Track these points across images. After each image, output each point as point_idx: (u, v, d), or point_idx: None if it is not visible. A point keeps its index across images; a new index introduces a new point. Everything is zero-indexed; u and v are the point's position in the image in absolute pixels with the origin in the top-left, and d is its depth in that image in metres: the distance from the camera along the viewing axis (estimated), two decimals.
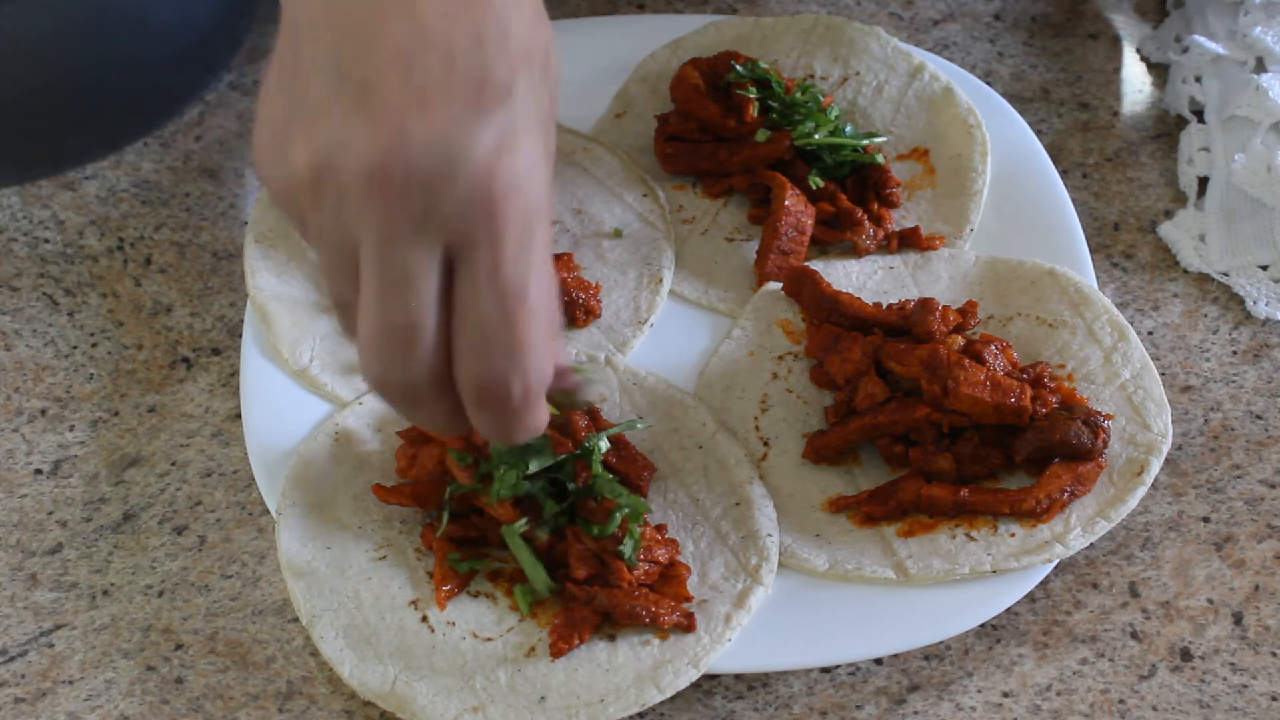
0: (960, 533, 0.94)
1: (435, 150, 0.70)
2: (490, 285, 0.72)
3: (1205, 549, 0.98)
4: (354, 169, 0.71)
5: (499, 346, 0.73)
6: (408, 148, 0.70)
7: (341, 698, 0.91)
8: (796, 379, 1.03)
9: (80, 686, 0.92)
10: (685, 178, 1.16)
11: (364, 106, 0.71)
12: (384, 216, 0.71)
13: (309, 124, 0.73)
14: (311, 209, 0.73)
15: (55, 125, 1.17)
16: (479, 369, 0.74)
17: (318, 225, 0.74)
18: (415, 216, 0.71)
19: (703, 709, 0.91)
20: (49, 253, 1.14)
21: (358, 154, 0.71)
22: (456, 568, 0.92)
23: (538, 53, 0.76)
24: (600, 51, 1.22)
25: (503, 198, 0.71)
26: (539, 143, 0.74)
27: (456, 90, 0.71)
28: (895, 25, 1.29)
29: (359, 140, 0.71)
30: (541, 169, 0.74)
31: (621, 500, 0.91)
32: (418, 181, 0.70)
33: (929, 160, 1.15)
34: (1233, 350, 1.08)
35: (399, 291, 0.72)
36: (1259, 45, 1.18)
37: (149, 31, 1.16)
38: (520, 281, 0.73)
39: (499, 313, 0.73)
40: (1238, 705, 0.91)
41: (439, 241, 0.72)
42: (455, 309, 0.73)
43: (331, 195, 0.72)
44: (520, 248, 0.72)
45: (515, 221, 0.72)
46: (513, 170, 0.72)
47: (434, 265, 0.72)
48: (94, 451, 1.03)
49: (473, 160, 0.71)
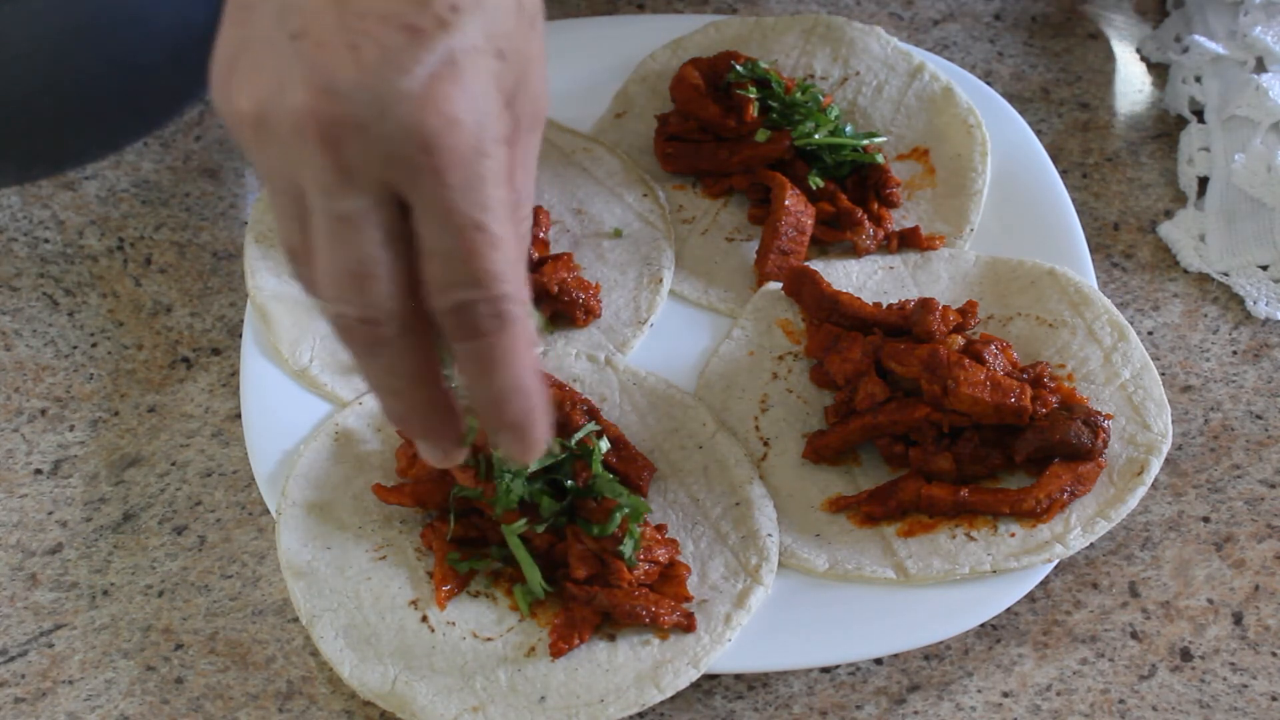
0: (960, 533, 0.94)
1: (364, 92, 0.68)
2: (443, 221, 0.69)
3: (1205, 549, 0.98)
4: (287, 115, 0.69)
5: (463, 279, 0.70)
6: (335, 91, 0.68)
7: (341, 698, 0.91)
8: (796, 379, 1.03)
9: (80, 686, 0.92)
10: (685, 178, 1.16)
11: (299, 47, 0.69)
12: (320, 162, 0.69)
13: (251, 62, 0.70)
14: (257, 152, 0.71)
15: (55, 125, 1.17)
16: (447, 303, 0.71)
17: (263, 167, 0.72)
18: (351, 160, 0.69)
19: (703, 709, 0.91)
20: (49, 253, 1.14)
21: (289, 99, 0.68)
22: (456, 568, 0.92)
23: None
24: (600, 51, 1.22)
25: (440, 131, 0.68)
26: (487, 63, 0.70)
27: (391, 20, 0.68)
28: (895, 25, 1.29)
29: (291, 84, 0.69)
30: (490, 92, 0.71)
31: (622, 500, 0.91)
32: (349, 124, 0.68)
33: (929, 160, 1.15)
34: (1233, 350, 1.08)
35: (345, 235, 0.70)
36: (1259, 45, 1.18)
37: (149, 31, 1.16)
38: (474, 213, 0.69)
39: (458, 247, 0.70)
40: (1238, 705, 0.91)
41: (381, 180, 0.69)
42: (416, 245, 0.71)
43: (271, 140, 0.70)
44: (468, 178, 0.69)
45: (458, 153, 0.69)
46: (450, 100, 0.68)
47: (380, 204, 0.70)
48: (94, 451, 1.03)
49: (404, 97, 0.68)
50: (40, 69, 1.12)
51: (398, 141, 0.68)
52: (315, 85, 0.68)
